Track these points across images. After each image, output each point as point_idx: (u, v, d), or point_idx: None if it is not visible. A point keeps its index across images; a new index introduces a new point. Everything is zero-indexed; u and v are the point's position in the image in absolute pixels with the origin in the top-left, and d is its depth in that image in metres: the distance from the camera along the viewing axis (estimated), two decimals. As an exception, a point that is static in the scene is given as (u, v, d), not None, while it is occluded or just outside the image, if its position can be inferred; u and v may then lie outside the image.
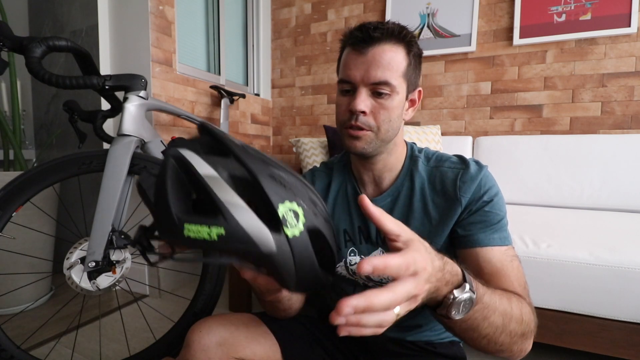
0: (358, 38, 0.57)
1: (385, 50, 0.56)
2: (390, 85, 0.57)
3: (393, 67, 0.56)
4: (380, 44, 0.56)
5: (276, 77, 2.29)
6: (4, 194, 0.86)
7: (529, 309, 0.50)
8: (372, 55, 0.56)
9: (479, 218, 0.59)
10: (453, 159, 0.64)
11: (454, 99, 1.83)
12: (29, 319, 1.25)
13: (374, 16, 1.96)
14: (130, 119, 1.02)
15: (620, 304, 0.81)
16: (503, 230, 0.59)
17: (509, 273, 0.55)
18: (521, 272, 0.57)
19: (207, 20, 1.89)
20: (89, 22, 1.45)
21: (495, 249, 0.57)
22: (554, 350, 1.06)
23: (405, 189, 0.64)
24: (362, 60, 0.57)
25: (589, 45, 1.56)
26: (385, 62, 0.56)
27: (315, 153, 1.66)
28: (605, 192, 1.38)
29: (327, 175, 0.74)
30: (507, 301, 0.47)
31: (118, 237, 0.94)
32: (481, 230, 0.58)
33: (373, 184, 0.68)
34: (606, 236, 0.94)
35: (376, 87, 0.57)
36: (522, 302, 0.50)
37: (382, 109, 0.58)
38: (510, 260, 0.57)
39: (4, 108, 1.52)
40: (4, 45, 0.82)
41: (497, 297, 0.45)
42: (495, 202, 0.59)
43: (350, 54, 0.59)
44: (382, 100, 0.58)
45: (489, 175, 0.61)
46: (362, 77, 0.57)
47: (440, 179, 0.62)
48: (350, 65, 0.58)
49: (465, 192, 0.59)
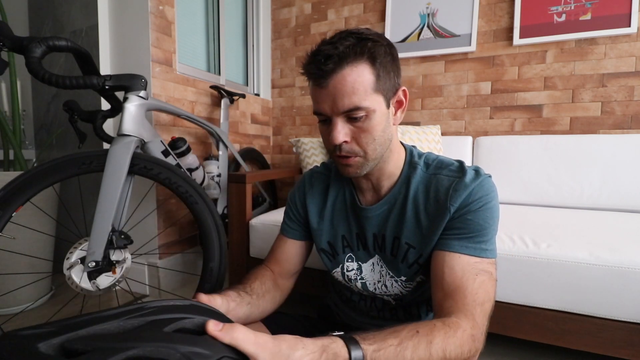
0: (314, 75, 0.54)
1: (345, 76, 0.52)
2: (362, 108, 0.53)
3: (359, 89, 0.53)
4: (337, 72, 0.52)
5: (276, 77, 2.29)
6: (4, 194, 0.86)
7: (457, 342, 0.46)
8: (333, 86, 0.53)
9: (458, 224, 0.57)
10: (453, 167, 0.62)
11: (454, 99, 1.83)
12: (29, 319, 1.25)
13: (373, 16, 1.96)
14: (130, 119, 1.02)
15: (620, 304, 0.81)
16: (483, 242, 0.56)
17: (466, 286, 0.52)
18: (484, 289, 0.53)
19: (207, 20, 1.89)
20: (89, 22, 1.45)
21: (464, 257, 0.55)
22: (554, 350, 1.06)
23: (401, 196, 0.63)
24: (325, 93, 0.54)
25: (589, 45, 1.56)
26: (348, 89, 0.52)
27: (315, 153, 1.66)
28: (605, 192, 1.38)
29: (326, 178, 0.73)
30: (424, 348, 0.44)
31: (118, 237, 0.94)
32: (456, 237, 0.56)
33: (372, 191, 0.67)
34: (606, 236, 0.94)
35: (349, 114, 0.54)
36: (448, 337, 0.46)
37: (362, 132, 0.56)
38: (474, 274, 0.54)
39: (4, 108, 1.52)
40: (4, 45, 0.82)
41: (407, 351, 0.43)
42: (481, 211, 0.56)
43: (313, 88, 0.57)
44: (360, 123, 0.55)
45: (485, 185, 0.58)
46: (331, 108, 0.54)
47: (435, 187, 0.60)
48: (317, 99, 0.56)
49: (455, 200, 0.57)
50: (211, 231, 0.98)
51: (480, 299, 0.52)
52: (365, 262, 0.68)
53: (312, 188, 0.73)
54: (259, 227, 1.23)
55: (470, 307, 0.51)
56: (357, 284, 0.69)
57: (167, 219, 1.52)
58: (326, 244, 0.71)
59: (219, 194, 1.58)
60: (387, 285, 0.66)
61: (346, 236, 0.69)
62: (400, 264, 0.63)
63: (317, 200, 0.72)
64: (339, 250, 0.70)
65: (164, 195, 1.49)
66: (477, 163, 1.63)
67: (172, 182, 0.99)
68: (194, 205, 0.99)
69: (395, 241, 0.64)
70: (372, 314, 0.72)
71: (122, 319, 0.36)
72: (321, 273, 1.10)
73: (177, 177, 1.00)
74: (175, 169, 1.01)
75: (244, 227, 1.25)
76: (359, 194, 0.68)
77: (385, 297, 0.68)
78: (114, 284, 0.92)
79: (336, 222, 0.70)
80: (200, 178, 1.43)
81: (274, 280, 0.70)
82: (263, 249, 1.23)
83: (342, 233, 0.69)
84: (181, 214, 1.59)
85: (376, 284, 0.68)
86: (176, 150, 1.30)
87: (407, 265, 0.63)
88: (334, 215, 0.70)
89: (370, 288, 0.68)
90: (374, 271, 0.67)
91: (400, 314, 0.69)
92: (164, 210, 1.51)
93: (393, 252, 0.64)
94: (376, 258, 0.67)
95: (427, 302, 0.69)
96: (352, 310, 0.75)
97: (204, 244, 0.98)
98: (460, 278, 0.53)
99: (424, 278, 0.64)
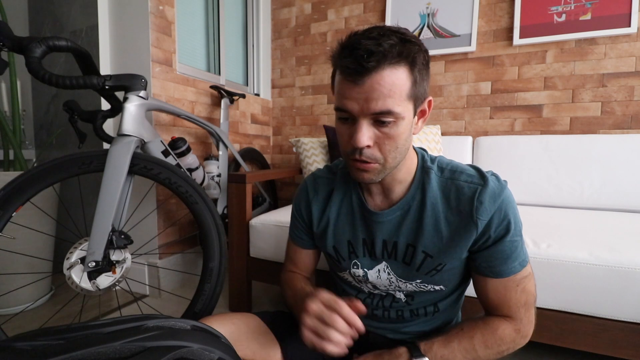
0: (351, 70, 0.49)
1: (384, 77, 0.48)
2: (393, 113, 0.50)
3: (395, 92, 0.49)
4: (377, 72, 0.48)
5: (276, 77, 2.29)
6: (4, 194, 0.86)
7: (495, 335, 0.58)
8: (370, 85, 0.49)
9: (500, 250, 0.56)
10: (470, 172, 0.59)
11: (454, 99, 1.83)
12: (29, 319, 1.25)
13: (374, 16, 1.96)
14: (130, 119, 1.02)
15: (620, 304, 0.81)
16: (520, 254, 0.57)
17: (509, 298, 0.58)
18: (526, 293, 0.58)
19: (207, 20, 1.89)
20: (89, 22, 1.45)
21: (505, 279, 0.58)
22: (554, 350, 1.06)
23: (416, 202, 0.60)
24: (357, 90, 0.50)
25: (589, 45, 1.56)
26: (386, 90, 0.49)
27: (315, 153, 1.66)
28: (605, 192, 1.38)
29: (330, 183, 0.71)
30: (467, 343, 0.58)
31: (118, 237, 0.94)
32: (500, 263, 0.57)
33: (381, 195, 0.64)
34: (606, 236, 0.94)
35: (378, 117, 0.50)
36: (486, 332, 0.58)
37: (386, 138, 0.52)
38: (516, 286, 0.57)
39: (4, 108, 1.52)
40: (4, 45, 0.82)
41: (455, 348, 0.57)
42: (515, 228, 0.56)
43: (344, 83, 0.51)
44: (386, 129, 0.51)
45: (509, 196, 0.57)
46: (361, 108, 0.50)
47: (455, 194, 0.58)
48: (346, 95, 0.51)
49: (482, 214, 0.55)
50: (211, 231, 0.98)
51: (523, 301, 0.58)
52: (371, 269, 0.66)
53: (316, 194, 0.71)
54: (259, 227, 1.23)
55: (514, 311, 0.58)
56: (368, 285, 0.69)
57: (167, 219, 1.52)
58: (332, 249, 0.69)
59: (219, 194, 1.58)
60: (401, 287, 0.66)
61: (352, 242, 0.67)
62: (415, 272, 0.62)
63: (322, 206, 0.70)
64: (344, 256, 0.68)
65: (164, 195, 1.49)
66: (477, 163, 1.63)
67: (172, 182, 0.99)
68: (194, 205, 0.99)
69: (408, 248, 0.61)
70: (376, 313, 0.71)
71: (120, 342, 0.36)
72: (321, 273, 1.10)
73: (177, 177, 1.00)
74: (175, 169, 1.01)
75: (244, 227, 1.25)
76: (368, 198, 0.65)
77: (397, 293, 0.67)
78: (114, 284, 0.92)
79: (342, 227, 0.68)
80: (200, 178, 1.43)
81: (307, 280, 0.77)
82: (263, 249, 1.23)
83: (347, 238, 0.67)
84: (181, 214, 1.59)
85: (387, 287, 0.67)
86: (176, 150, 1.30)
87: (423, 273, 0.62)
88: (339, 220, 0.68)
89: (382, 287, 0.67)
90: (380, 278, 0.65)
91: (406, 314, 0.69)
92: (164, 210, 1.51)
93: (406, 260, 0.62)
94: (383, 265, 0.65)
95: (435, 304, 0.68)
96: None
97: (204, 244, 0.98)
98: (504, 295, 0.58)
99: (443, 288, 0.64)
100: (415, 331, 0.69)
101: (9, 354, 0.32)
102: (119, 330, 0.38)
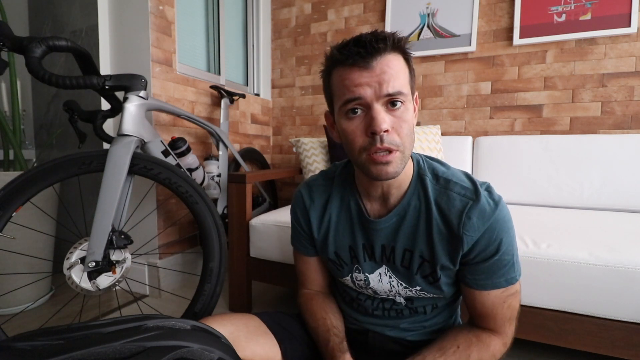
0: (359, 53, 0.51)
1: (391, 60, 0.52)
2: (403, 93, 0.52)
3: (401, 76, 0.52)
4: (385, 55, 0.51)
5: (276, 77, 2.29)
6: (4, 194, 0.86)
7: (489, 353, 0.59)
8: (380, 68, 0.51)
9: (487, 266, 0.57)
10: (464, 184, 0.59)
11: (454, 99, 1.83)
12: (29, 319, 1.25)
13: (374, 16, 1.96)
14: (130, 119, 1.02)
15: (620, 304, 0.81)
16: (511, 270, 0.58)
17: (496, 313, 0.60)
18: (511, 308, 0.60)
19: (207, 20, 1.89)
20: (89, 22, 1.45)
21: (493, 292, 0.59)
22: (554, 350, 1.06)
23: (412, 208, 0.61)
24: (368, 75, 0.51)
25: (589, 45, 1.56)
26: (394, 72, 0.51)
27: (315, 153, 1.66)
28: (605, 192, 1.38)
29: (326, 189, 0.71)
30: None
31: (118, 237, 0.94)
32: (487, 277, 0.58)
33: (380, 201, 0.64)
34: (606, 236, 0.94)
35: (392, 98, 0.51)
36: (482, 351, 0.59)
37: (402, 122, 0.52)
38: (503, 301, 0.59)
39: (4, 108, 1.52)
40: (4, 45, 0.82)
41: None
42: (507, 248, 0.56)
43: (350, 72, 0.52)
44: (399, 112, 0.52)
45: (504, 215, 0.56)
46: (375, 92, 0.51)
47: (447, 204, 0.58)
48: (356, 82, 0.52)
49: (469, 229, 0.55)
50: (211, 231, 0.98)
51: (508, 316, 0.60)
52: (372, 272, 0.66)
53: (313, 202, 0.71)
54: (259, 227, 1.23)
55: (500, 325, 0.61)
56: (368, 290, 0.69)
57: (167, 219, 1.52)
58: (333, 255, 0.70)
59: (219, 194, 1.58)
60: (401, 293, 0.66)
61: (352, 247, 0.67)
62: (414, 276, 0.62)
63: (320, 213, 0.70)
64: (346, 261, 0.68)
65: (164, 195, 1.49)
66: (477, 163, 1.63)
67: (172, 182, 0.99)
68: (194, 205, 0.99)
69: (406, 253, 0.62)
70: (376, 313, 0.71)
71: (120, 342, 0.36)
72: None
73: (177, 177, 1.00)
74: (175, 169, 1.01)
75: (244, 227, 1.25)
76: (366, 203, 0.65)
77: (397, 297, 0.68)
78: (114, 284, 0.92)
79: (342, 233, 0.68)
80: (200, 178, 1.43)
81: (324, 298, 0.76)
82: (263, 249, 1.23)
83: (348, 244, 0.67)
84: (181, 214, 1.59)
85: (388, 293, 0.67)
86: (176, 150, 1.30)
87: (421, 276, 0.62)
88: (339, 226, 0.68)
89: (382, 294, 0.68)
90: (382, 282, 0.66)
91: (405, 312, 0.69)
92: (164, 210, 1.51)
93: (404, 264, 0.63)
94: (384, 268, 0.65)
95: (435, 305, 0.68)
96: (354, 310, 0.75)
97: (204, 244, 0.98)
98: (491, 309, 0.60)
99: (443, 295, 0.64)
100: (414, 327, 0.69)
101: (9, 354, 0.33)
102: (119, 330, 0.38)
